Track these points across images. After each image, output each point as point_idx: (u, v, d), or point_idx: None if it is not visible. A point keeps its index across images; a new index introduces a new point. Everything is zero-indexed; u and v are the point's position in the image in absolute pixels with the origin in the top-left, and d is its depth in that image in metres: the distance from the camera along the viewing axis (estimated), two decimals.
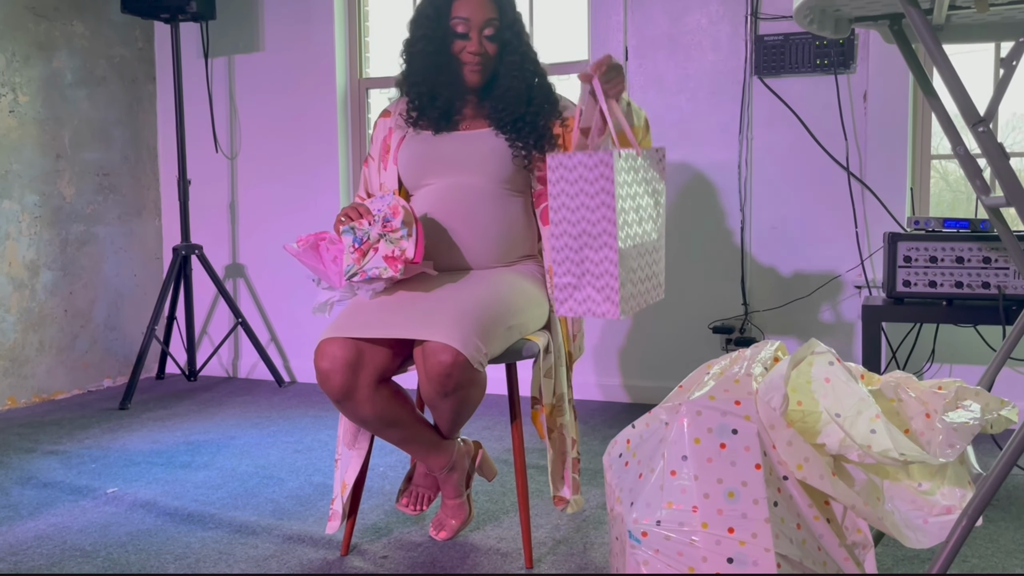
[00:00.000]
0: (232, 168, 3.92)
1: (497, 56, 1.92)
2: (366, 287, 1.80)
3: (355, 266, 1.75)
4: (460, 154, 1.92)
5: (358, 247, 1.76)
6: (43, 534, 2.09)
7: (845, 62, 3.00)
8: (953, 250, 2.45)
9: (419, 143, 1.95)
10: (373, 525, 2.12)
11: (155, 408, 3.36)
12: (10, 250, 3.40)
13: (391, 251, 1.75)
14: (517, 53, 1.92)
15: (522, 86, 1.92)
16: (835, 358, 1.53)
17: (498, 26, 1.90)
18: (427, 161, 1.93)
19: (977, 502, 1.35)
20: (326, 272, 1.81)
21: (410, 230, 1.76)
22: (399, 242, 1.75)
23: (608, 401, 3.36)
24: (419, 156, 1.94)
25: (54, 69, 3.55)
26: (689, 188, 3.24)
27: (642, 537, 1.43)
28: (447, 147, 1.93)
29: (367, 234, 1.76)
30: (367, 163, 2.05)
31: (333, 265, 1.79)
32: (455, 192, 1.91)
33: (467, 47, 1.89)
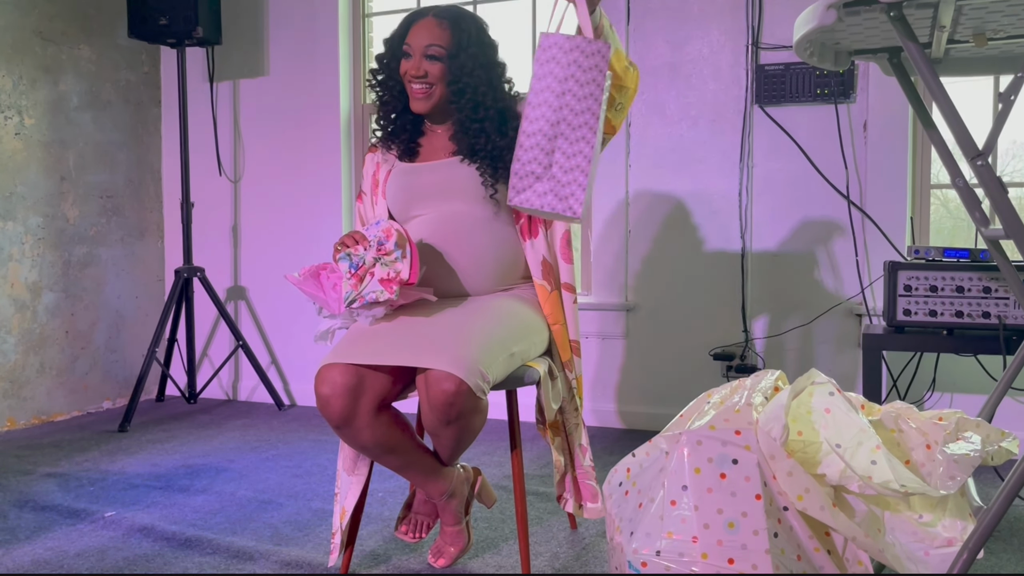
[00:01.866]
0: (235, 191, 3.94)
1: (448, 82, 1.87)
2: (366, 313, 1.81)
3: (353, 292, 1.76)
4: (443, 183, 1.92)
5: (354, 272, 1.76)
6: (40, 558, 2.08)
7: (845, 92, 3.03)
8: (953, 279, 2.46)
9: (404, 175, 1.96)
10: (372, 551, 2.11)
11: (154, 431, 3.35)
12: (12, 271, 3.41)
13: (386, 274, 1.75)
14: (471, 78, 1.85)
15: (475, 119, 1.86)
16: (835, 388, 1.53)
17: (446, 51, 1.85)
18: (411, 192, 1.94)
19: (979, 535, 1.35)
20: (326, 300, 1.81)
21: (404, 251, 1.76)
22: (393, 264, 1.75)
23: (607, 427, 3.36)
24: (404, 188, 1.95)
25: (60, 92, 3.58)
26: (690, 215, 3.25)
27: (642, 567, 1.42)
28: (429, 177, 1.94)
29: (362, 259, 1.76)
30: (360, 199, 2.07)
31: (333, 292, 1.79)
32: (445, 220, 1.91)
33: (408, 69, 1.88)
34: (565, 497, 2.07)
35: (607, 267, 3.36)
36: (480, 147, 1.87)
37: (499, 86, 1.91)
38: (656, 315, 3.31)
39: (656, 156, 3.29)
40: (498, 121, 1.88)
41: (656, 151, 3.28)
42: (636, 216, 3.32)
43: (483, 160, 1.88)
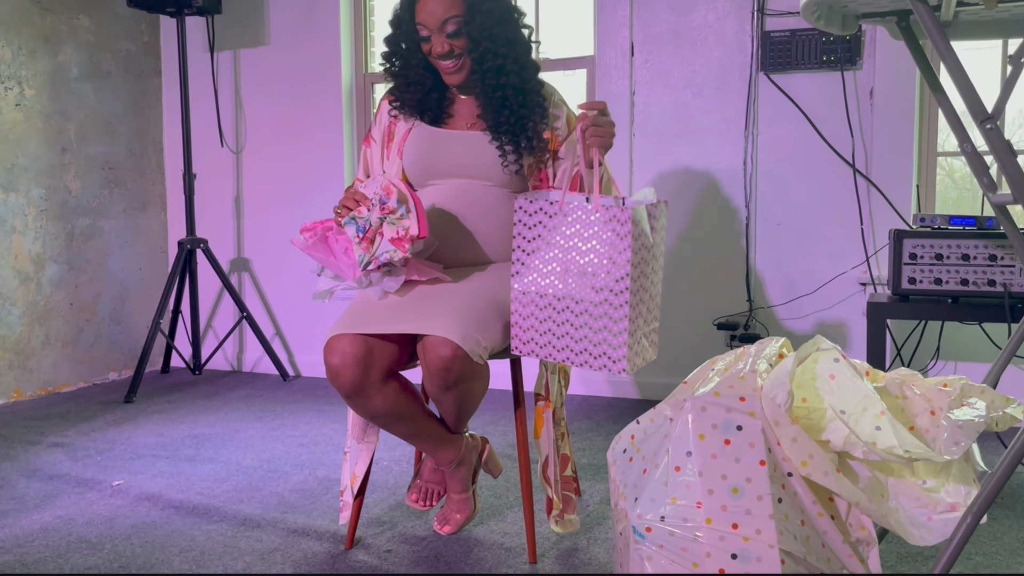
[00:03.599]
0: (237, 162, 3.92)
1: (470, 50, 1.84)
2: (381, 281, 1.79)
3: (366, 255, 1.73)
4: (463, 157, 1.90)
5: (363, 236, 1.74)
6: (49, 526, 2.10)
7: (852, 58, 3.00)
8: (959, 247, 2.45)
9: (425, 140, 1.92)
10: (377, 519, 2.12)
11: (160, 402, 3.37)
12: (16, 243, 3.41)
13: (396, 232, 1.73)
14: (488, 51, 1.82)
15: (498, 86, 1.84)
16: (840, 355, 1.53)
17: (461, 21, 1.81)
18: (431, 159, 1.92)
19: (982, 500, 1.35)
20: (338, 264, 1.77)
21: (408, 206, 1.74)
22: (400, 222, 1.73)
23: (611, 397, 3.37)
24: (424, 153, 1.92)
25: (60, 63, 3.55)
26: (694, 185, 3.23)
27: (646, 532, 1.43)
28: (451, 147, 1.91)
29: (368, 221, 1.74)
30: (368, 143, 2.02)
31: (345, 257, 1.76)
32: (463, 192, 1.90)
33: (432, 50, 1.84)
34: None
35: None
36: (504, 120, 1.85)
37: (518, 38, 1.87)
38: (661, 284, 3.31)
39: (660, 124, 3.26)
40: (520, 81, 1.86)
41: (660, 119, 3.26)
42: (640, 185, 3.30)
43: (506, 134, 1.86)
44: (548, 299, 1.69)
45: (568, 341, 1.69)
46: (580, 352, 1.69)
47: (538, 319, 1.71)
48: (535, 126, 1.87)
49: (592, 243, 1.67)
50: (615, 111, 3.29)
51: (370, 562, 1.87)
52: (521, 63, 1.86)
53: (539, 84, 1.91)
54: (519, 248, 1.73)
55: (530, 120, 1.86)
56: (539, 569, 1.83)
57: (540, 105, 1.89)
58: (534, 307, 1.71)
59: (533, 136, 1.87)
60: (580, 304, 1.67)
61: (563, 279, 1.68)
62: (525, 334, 1.73)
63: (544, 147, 1.90)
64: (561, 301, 1.68)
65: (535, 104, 1.88)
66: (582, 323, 1.68)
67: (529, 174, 1.91)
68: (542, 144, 1.89)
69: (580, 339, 1.69)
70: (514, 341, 1.75)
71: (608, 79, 3.30)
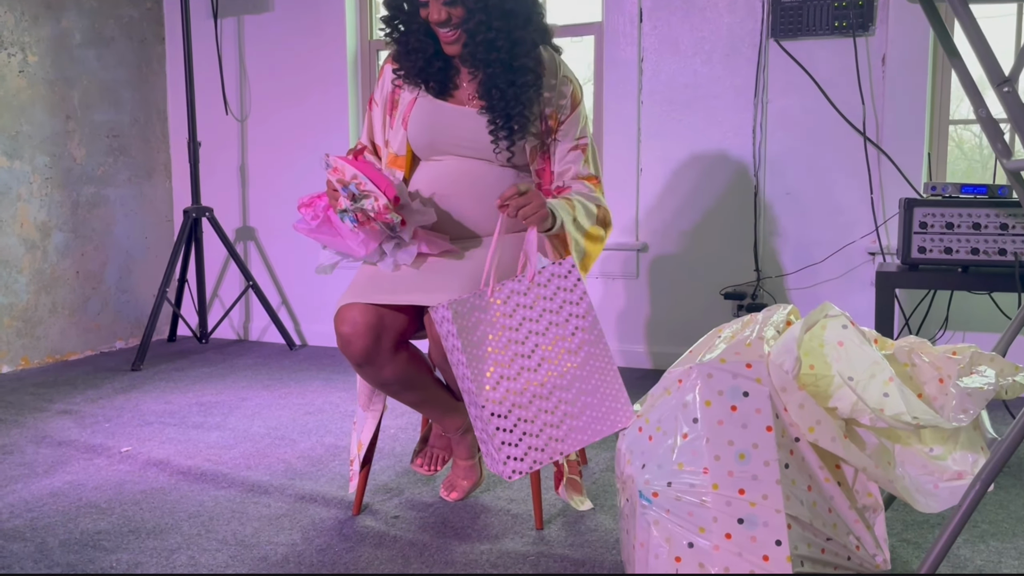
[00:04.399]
0: (242, 131, 3.90)
1: (466, 19, 1.75)
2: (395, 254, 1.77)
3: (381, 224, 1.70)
4: (464, 134, 1.84)
5: (359, 225, 1.71)
6: (58, 491, 2.12)
7: (864, 24, 2.95)
8: (970, 216, 2.43)
9: (429, 112, 1.87)
10: (384, 485, 2.13)
11: (167, 370, 3.38)
12: (21, 211, 3.41)
13: (373, 212, 1.69)
14: (481, 23, 1.73)
15: (488, 62, 1.76)
16: (849, 321, 1.52)
17: None
18: (435, 132, 1.86)
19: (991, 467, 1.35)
20: (346, 243, 1.74)
21: (357, 181, 1.67)
22: (364, 202, 1.69)
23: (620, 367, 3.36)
24: (428, 127, 1.87)
25: (63, 29, 3.53)
26: (702, 153, 3.21)
27: (653, 498, 1.43)
28: (453, 123, 1.85)
29: (359, 208, 1.70)
30: (371, 106, 1.97)
31: (352, 235, 1.72)
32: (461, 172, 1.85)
33: (429, 16, 1.77)
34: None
35: (619, 206, 3.33)
36: (495, 103, 1.78)
37: (516, 11, 1.77)
38: (667, 254, 3.30)
39: (669, 92, 3.23)
40: (510, 57, 1.76)
41: (669, 87, 3.23)
42: (647, 154, 3.28)
43: (499, 116, 1.79)
44: (529, 396, 1.55)
45: (571, 422, 1.57)
46: (588, 426, 1.58)
47: (528, 422, 1.55)
48: (525, 110, 1.78)
49: (542, 312, 1.59)
50: (623, 77, 3.26)
51: (377, 528, 1.89)
52: (514, 39, 1.76)
53: (533, 60, 1.80)
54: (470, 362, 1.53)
55: (519, 104, 1.78)
56: (546, 535, 1.84)
57: (534, 86, 1.79)
58: (519, 412, 1.55)
59: (524, 119, 1.79)
60: (564, 377, 1.58)
61: (536, 365, 1.57)
62: (518, 449, 1.54)
63: (538, 129, 1.84)
64: (544, 387, 1.57)
65: (526, 84, 1.78)
66: (575, 393, 1.58)
67: (532, 157, 1.86)
68: (535, 129, 1.83)
69: (582, 411, 1.59)
70: (508, 466, 1.53)
71: (616, 45, 3.26)
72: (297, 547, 1.79)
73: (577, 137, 1.87)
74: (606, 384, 1.60)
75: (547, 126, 1.85)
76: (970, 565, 1.68)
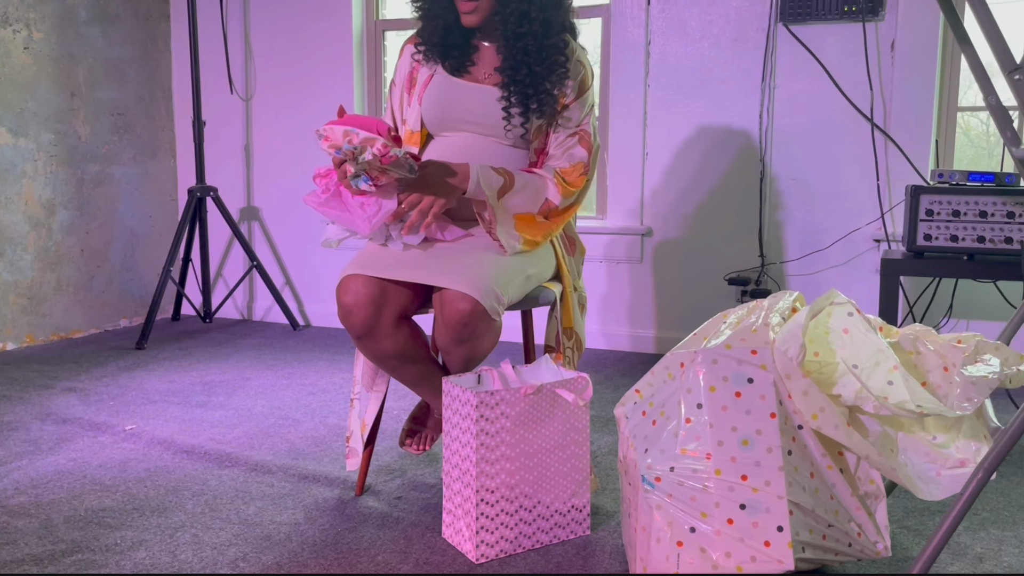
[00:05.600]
0: (247, 110, 3.89)
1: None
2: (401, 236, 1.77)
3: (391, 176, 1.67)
4: (473, 110, 1.85)
5: (372, 183, 1.68)
6: (63, 468, 2.13)
7: (874, 9, 2.93)
8: (977, 204, 2.42)
9: (444, 89, 1.88)
10: (387, 466, 2.14)
11: (171, 349, 3.39)
12: (27, 188, 3.40)
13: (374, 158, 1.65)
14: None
15: (519, 35, 1.78)
16: (855, 309, 1.52)
17: None
18: (448, 108, 1.87)
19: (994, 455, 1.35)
20: (353, 219, 1.73)
21: (349, 138, 1.65)
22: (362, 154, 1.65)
23: (620, 350, 3.37)
24: (441, 103, 1.88)
25: (68, 5, 3.51)
26: (708, 137, 3.19)
27: (656, 482, 1.44)
28: (464, 98, 1.86)
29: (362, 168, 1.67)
30: (392, 90, 1.98)
31: (360, 210, 1.71)
32: (467, 148, 1.85)
33: None
34: None
35: (623, 190, 3.33)
36: (520, 78, 1.79)
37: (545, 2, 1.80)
38: (672, 239, 3.29)
39: (676, 76, 3.21)
40: (543, 32, 1.79)
41: (676, 70, 3.21)
42: (653, 138, 3.26)
43: (518, 93, 1.80)
44: (517, 492, 1.65)
45: (540, 523, 1.69)
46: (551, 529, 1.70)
47: (509, 515, 1.66)
48: (550, 88, 1.81)
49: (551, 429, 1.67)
50: (630, 61, 3.24)
51: (380, 508, 1.89)
52: (547, 18, 1.79)
53: (563, 42, 1.84)
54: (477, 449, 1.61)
55: (546, 81, 1.80)
56: None
57: (561, 65, 1.83)
58: (504, 505, 1.65)
59: (545, 99, 1.81)
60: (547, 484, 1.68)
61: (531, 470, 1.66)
62: (492, 536, 1.65)
63: (554, 111, 1.85)
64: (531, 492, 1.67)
65: (555, 63, 1.81)
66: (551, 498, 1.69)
67: (535, 136, 1.86)
68: (552, 108, 1.84)
69: (552, 514, 1.70)
70: (479, 549, 1.64)
71: (623, 28, 3.24)
72: (300, 526, 1.80)
73: (578, 124, 1.87)
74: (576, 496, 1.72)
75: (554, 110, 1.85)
76: (970, 552, 1.68)
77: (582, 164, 1.86)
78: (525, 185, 1.81)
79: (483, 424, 1.60)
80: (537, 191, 1.83)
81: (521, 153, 1.88)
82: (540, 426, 1.66)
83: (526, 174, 1.83)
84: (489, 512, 1.63)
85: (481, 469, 1.61)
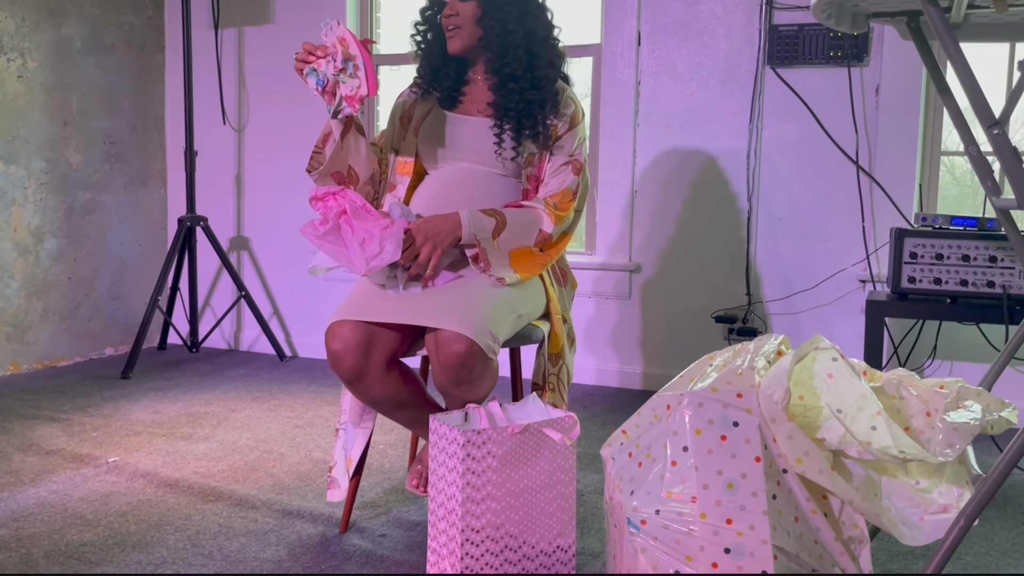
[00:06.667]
0: (239, 140, 3.91)
1: (477, 20, 1.85)
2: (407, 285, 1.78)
3: (331, 106, 1.74)
4: (465, 141, 1.90)
5: (321, 90, 1.74)
6: (44, 501, 2.11)
7: (859, 55, 2.99)
8: (959, 248, 2.45)
9: (436, 124, 1.94)
10: (372, 502, 2.13)
11: (156, 378, 3.37)
12: (16, 216, 3.40)
13: (348, 90, 1.72)
14: (500, 14, 1.82)
15: (505, 62, 1.83)
16: (839, 354, 1.53)
17: None
18: (439, 143, 1.92)
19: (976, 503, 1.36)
20: (349, 258, 1.73)
21: (355, 63, 1.71)
22: (350, 80, 1.72)
23: (607, 386, 3.38)
24: (435, 136, 1.93)
25: (63, 35, 3.53)
26: (697, 176, 3.23)
27: (641, 525, 1.44)
28: (456, 131, 1.92)
29: (325, 75, 1.73)
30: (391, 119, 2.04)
31: (359, 249, 1.71)
32: (459, 179, 1.90)
33: (444, 10, 1.88)
34: None
35: (612, 226, 3.35)
36: (511, 104, 1.85)
37: (534, 24, 1.87)
38: (660, 276, 3.31)
39: (665, 115, 3.25)
40: (528, 57, 1.85)
41: (665, 110, 3.25)
42: (643, 176, 3.30)
43: (510, 118, 1.85)
44: (503, 532, 1.64)
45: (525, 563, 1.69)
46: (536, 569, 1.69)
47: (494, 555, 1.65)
48: (541, 118, 1.86)
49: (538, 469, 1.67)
50: (621, 99, 3.28)
51: (364, 546, 1.88)
52: (534, 46, 1.85)
53: (553, 77, 1.90)
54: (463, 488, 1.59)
55: (537, 106, 1.85)
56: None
57: (553, 94, 1.88)
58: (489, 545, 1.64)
59: (538, 122, 1.86)
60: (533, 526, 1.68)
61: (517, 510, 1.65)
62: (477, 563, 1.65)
63: (548, 137, 1.89)
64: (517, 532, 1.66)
65: (546, 92, 1.86)
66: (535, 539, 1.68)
67: (527, 163, 1.90)
68: (546, 133, 1.88)
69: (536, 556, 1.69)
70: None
71: (614, 68, 3.29)
72: (283, 564, 1.79)
73: (570, 153, 1.91)
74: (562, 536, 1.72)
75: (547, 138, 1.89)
76: None
77: (570, 190, 1.90)
78: (517, 220, 1.83)
79: (469, 463, 1.60)
80: (530, 223, 1.85)
81: (514, 182, 1.91)
82: (527, 465, 1.66)
83: (516, 209, 1.86)
84: (474, 552, 1.63)
85: (467, 509, 1.60)
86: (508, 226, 1.82)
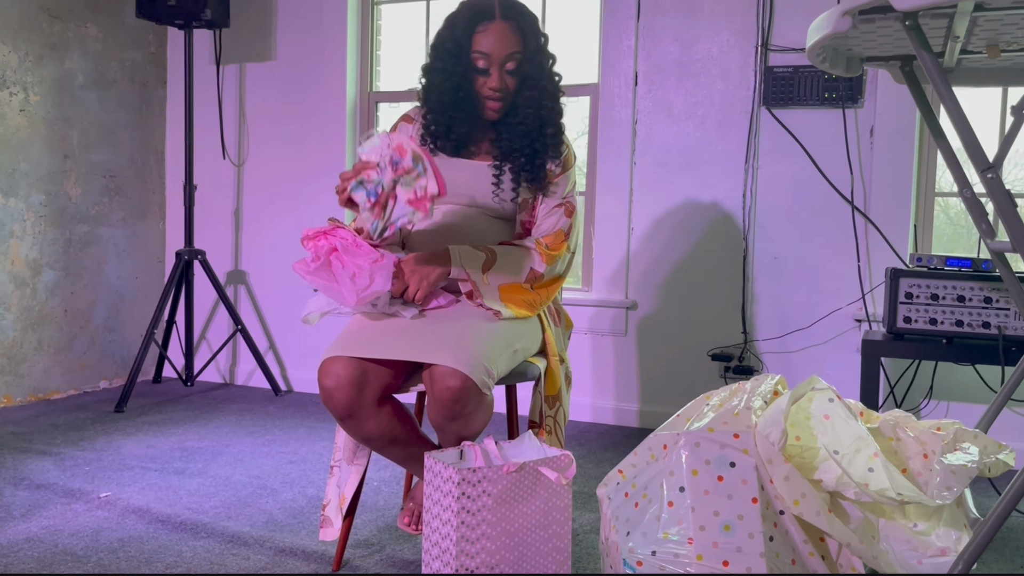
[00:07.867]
0: (238, 175, 3.93)
1: (516, 90, 1.89)
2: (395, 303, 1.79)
3: (379, 222, 1.64)
4: (464, 184, 1.91)
5: (374, 201, 1.63)
6: (35, 536, 2.08)
7: (853, 96, 3.03)
8: (955, 288, 2.46)
9: (441, 165, 1.94)
10: (366, 540, 2.11)
11: (151, 412, 3.35)
12: (13, 248, 3.41)
13: (412, 194, 1.63)
14: (536, 88, 1.88)
15: (535, 124, 1.89)
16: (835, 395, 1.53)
17: (520, 59, 1.86)
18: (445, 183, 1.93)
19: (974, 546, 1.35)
20: (340, 291, 1.72)
21: (423, 164, 1.64)
22: (417, 181, 1.63)
23: (603, 424, 3.36)
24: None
25: (66, 70, 3.57)
26: (693, 215, 3.25)
27: (637, 567, 1.43)
28: (462, 174, 1.92)
29: (379, 184, 1.63)
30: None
31: (350, 283, 1.70)
32: (457, 219, 1.92)
33: (487, 83, 1.86)
34: None
35: (609, 264, 3.36)
36: (519, 149, 1.89)
37: (555, 89, 1.93)
38: (656, 313, 3.32)
39: (661, 154, 3.28)
40: (551, 115, 1.91)
41: (661, 149, 3.28)
42: (639, 213, 3.32)
43: (512, 162, 1.89)
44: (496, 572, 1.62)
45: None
46: None
47: None
48: (543, 161, 1.91)
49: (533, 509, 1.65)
50: (617, 138, 3.31)
51: None
52: (555, 97, 1.92)
53: (561, 125, 1.95)
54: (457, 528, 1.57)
55: (543, 153, 1.90)
56: None
57: (557, 141, 1.93)
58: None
59: (540, 172, 1.90)
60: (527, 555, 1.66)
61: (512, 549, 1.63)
62: None
63: (545, 182, 1.92)
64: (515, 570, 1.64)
65: (554, 141, 1.91)
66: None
67: (522, 207, 1.93)
68: (544, 180, 1.92)
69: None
70: None
71: (611, 107, 3.33)
72: None
73: (563, 196, 1.94)
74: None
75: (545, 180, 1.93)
76: None
77: (563, 232, 1.93)
78: (508, 257, 1.85)
79: (464, 502, 1.58)
80: (521, 260, 1.87)
81: (511, 225, 1.93)
82: (522, 504, 1.65)
83: (508, 247, 1.87)
84: None
85: (461, 548, 1.59)
86: (498, 261, 1.83)
